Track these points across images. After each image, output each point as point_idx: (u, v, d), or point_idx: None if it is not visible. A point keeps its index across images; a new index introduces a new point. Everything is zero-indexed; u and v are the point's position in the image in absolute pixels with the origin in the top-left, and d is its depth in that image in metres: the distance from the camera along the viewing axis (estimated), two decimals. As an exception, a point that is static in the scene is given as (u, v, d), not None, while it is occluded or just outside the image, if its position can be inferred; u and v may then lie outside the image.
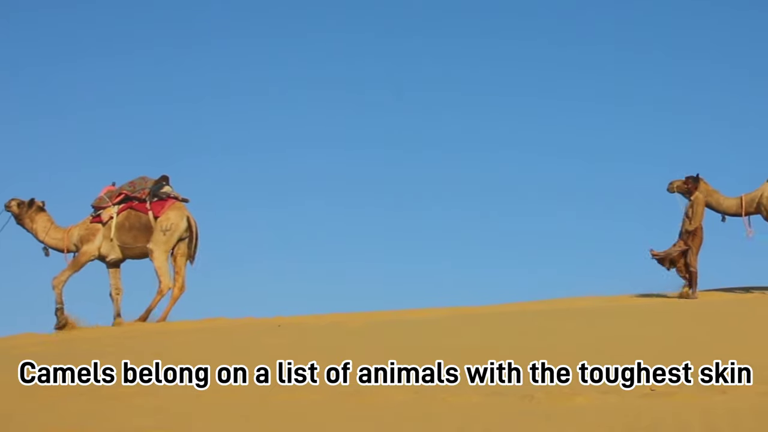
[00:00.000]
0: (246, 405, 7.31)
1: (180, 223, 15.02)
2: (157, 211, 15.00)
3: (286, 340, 12.07)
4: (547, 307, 14.46)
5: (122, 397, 7.88)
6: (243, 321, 14.91)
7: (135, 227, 15.09)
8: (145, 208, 15.08)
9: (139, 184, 15.27)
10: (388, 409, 6.83)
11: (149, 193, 15.09)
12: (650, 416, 5.91)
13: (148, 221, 15.03)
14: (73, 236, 15.31)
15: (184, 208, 15.18)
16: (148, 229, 15.04)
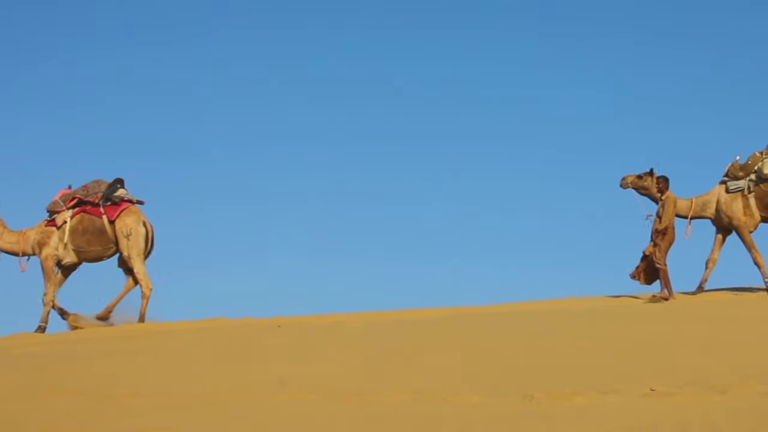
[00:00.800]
0: (246, 405, 7.31)
1: (138, 227, 15.16)
2: (111, 215, 15.15)
3: (287, 341, 12.07)
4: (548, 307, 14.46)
5: (122, 397, 7.88)
6: (243, 321, 14.91)
7: (89, 231, 15.23)
8: (98, 212, 15.21)
9: (92, 187, 15.39)
10: (388, 409, 6.83)
11: (103, 197, 15.20)
12: (650, 416, 5.91)
13: (102, 225, 15.17)
14: (29, 239, 15.38)
15: (140, 211, 15.32)
16: (102, 233, 15.19)
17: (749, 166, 15.13)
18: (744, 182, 15.12)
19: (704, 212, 15.31)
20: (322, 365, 9.31)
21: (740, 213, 15.04)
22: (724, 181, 15.30)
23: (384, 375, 8.44)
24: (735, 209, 15.08)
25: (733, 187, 15.20)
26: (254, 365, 9.57)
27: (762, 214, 15.10)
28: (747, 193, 15.08)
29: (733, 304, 13.65)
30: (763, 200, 15.06)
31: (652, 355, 8.78)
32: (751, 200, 15.06)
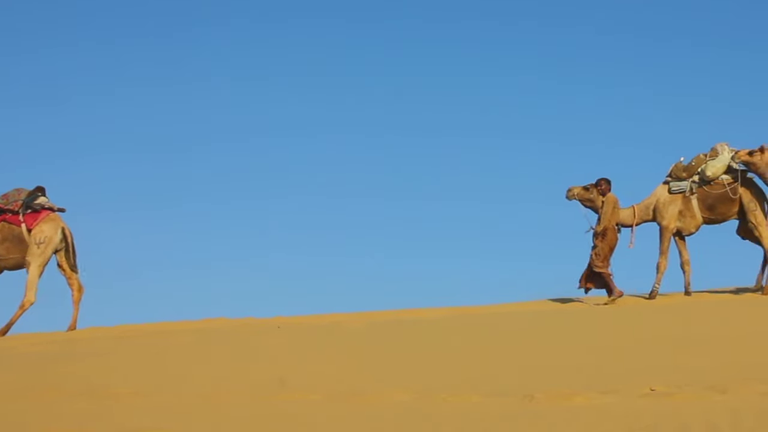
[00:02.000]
0: (246, 405, 7.32)
1: (54, 236, 15.19)
2: (30, 223, 15.19)
3: (287, 341, 12.07)
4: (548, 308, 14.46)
5: (122, 397, 7.88)
6: (243, 321, 14.92)
7: (8, 239, 15.28)
8: (18, 221, 15.24)
9: (12, 196, 15.44)
10: (388, 409, 6.83)
11: (22, 205, 15.23)
12: (650, 416, 5.91)
13: (21, 233, 15.21)
14: None
15: (59, 219, 15.33)
16: (21, 241, 15.25)
17: (693, 168, 15.07)
18: (687, 184, 15.09)
19: (648, 216, 15.19)
20: (322, 365, 9.32)
21: (673, 216, 14.99)
22: (667, 181, 15.25)
23: (384, 375, 8.45)
24: (670, 211, 15.03)
25: (675, 189, 15.14)
26: (254, 365, 9.57)
27: (704, 216, 15.05)
28: (689, 194, 15.05)
29: (733, 304, 13.66)
30: (705, 202, 15.01)
31: (652, 355, 8.78)
32: (694, 202, 15.02)
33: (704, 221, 15.12)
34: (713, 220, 15.18)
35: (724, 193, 14.94)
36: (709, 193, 15.02)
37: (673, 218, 15.03)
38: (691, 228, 15.09)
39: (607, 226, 14.48)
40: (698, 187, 15.06)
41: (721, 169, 15.00)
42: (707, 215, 15.08)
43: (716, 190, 14.99)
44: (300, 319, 14.80)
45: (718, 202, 15.04)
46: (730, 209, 15.04)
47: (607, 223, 14.50)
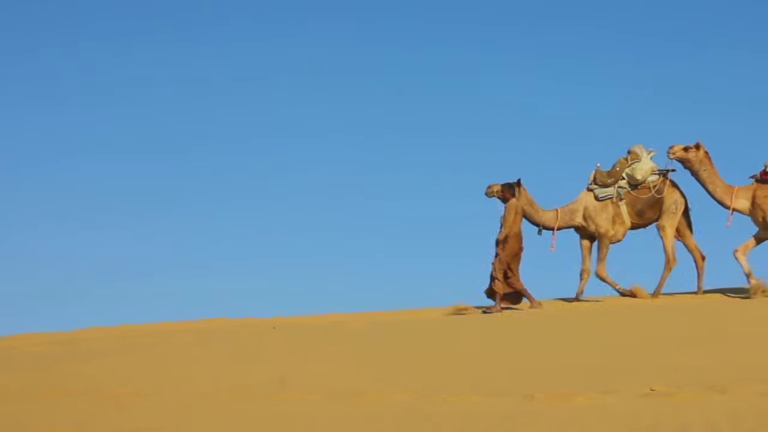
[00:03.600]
0: (246, 405, 7.32)
1: None
2: None
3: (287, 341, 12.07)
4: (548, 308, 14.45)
5: (122, 397, 7.89)
6: (243, 321, 14.92)
7: None
8: None
9: None
10: (388, 409, 6.83)
11: None
12: (650, 416, 5.92)
13: None
14: None
15: None
16: None
17: (617, 173, 14.92)
18: (613, 189, 14.96)
19: (572, 221, 15.03)
20: (322, 365, 9.32)
21: (608, 222, 14.86)
22: (591, 188, 15.14)
23: (384, 375, 8.45)
24: (603, 218, 14.90)
25: (602, 195, 14.95)
26: (254, 365, 9.58)
27: (633, 221, 14.90)
28: (617, 200, 14.99)
29: (732, 304, 13.65)
30: (635, 207, 14.85)
31: (651, 355, 8.78)
32: (622, 207, 14.87)
33: (633, 226, 14.96)
34: (640, 225, 15.00)
35: (652, 197, 14.77)
36: (638, 197, 14.87)
37: (608, 224, 14.84)
38: (619, 235, 14.90)
39: (509, 234, 14.02)
40: (626, 192, 15.00)
41: (649, 171, 14.85)
42: (636, 221, 14.90)
43: (645, 195, 14.86)
44: (300, 319, 14.81)
45: (647, 207, 14.84)
46: (656, 213, 14.85)
47: (508, 229, 14.04)
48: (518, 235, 14.08)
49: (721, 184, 14.47)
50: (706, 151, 14.49)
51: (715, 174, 14.47)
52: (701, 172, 14.46)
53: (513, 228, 14.04)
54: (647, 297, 14.55)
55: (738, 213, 14.35)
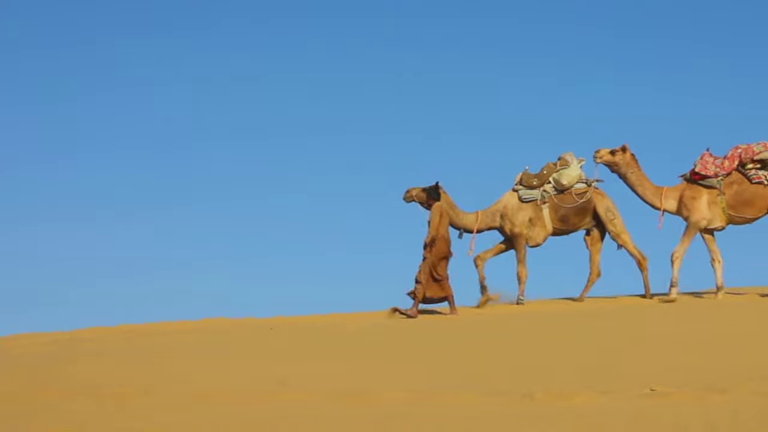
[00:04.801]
0: (245, 405, 7.32)
1: None
2: None
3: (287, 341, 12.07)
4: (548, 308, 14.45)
5: (122, 397, 7.88)
6: (243, 321, 14.92)
7: None
8: None
9: None
10: (388, 409, 6.83)
11: None
12: (650, 416, 5.92)
13: None
14: None
15: None
16: None
17: (544, 176, 14.91)
18: (538, 192, 14.94)
19: (493, 222, 15.03)
20: (322, 365, 9.32)
21: (524, 223, 14.85)
22: (516, 189, 15.09)
23: (384, 375, 8.45)
24: (520, 218, 14.88)
25: (527, 197, 14.95)
26: (254, 365, 9.57)
27: (555, 226, 14.88)
28: (540, 203, 14.94)
29: (732, 304, 13.65)
30: (558, 211, 14.86)
31: (651, 355, 8.78)
32: (545, 211, 14.87)
33: (554, 232, 14.97)
34: (563, 231, 15.00)
35: (577, 204, 14.77)
36: (562, 203, 14.85)
37: (523, 225, 14.82)
38: (539, 239, 14.87)
39: (435, 236, 13.89)
40: (551, 196, 14.97)
41: (576, 178, 14.86)
42: (558, 226, 14.89)
43: (569, 201, 14.86)
44: (300, 319, 14.81)
45: (572, 213, 14.85)
46: (581, 220, 14.87)
47: (434, 232, 13.91)
48: (445, 237, 14.01)
49: (649, 186, 14.45)
50: (632, 153, 14.45)
51: (643, 176, 14.45)
52: (629, 174, 14.43)
53: (439, 231, 13.97)
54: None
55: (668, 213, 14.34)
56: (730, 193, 14.21)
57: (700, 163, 14.34)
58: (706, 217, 14.15)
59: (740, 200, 14.23)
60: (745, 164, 14.27)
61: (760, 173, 14.24)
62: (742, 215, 14.25)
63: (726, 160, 14.30)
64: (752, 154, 14.23)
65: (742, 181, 14.26)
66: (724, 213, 14.19)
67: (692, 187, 14.33)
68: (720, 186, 14.22)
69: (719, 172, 14.25)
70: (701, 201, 14.19)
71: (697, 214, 14.13)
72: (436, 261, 13.80)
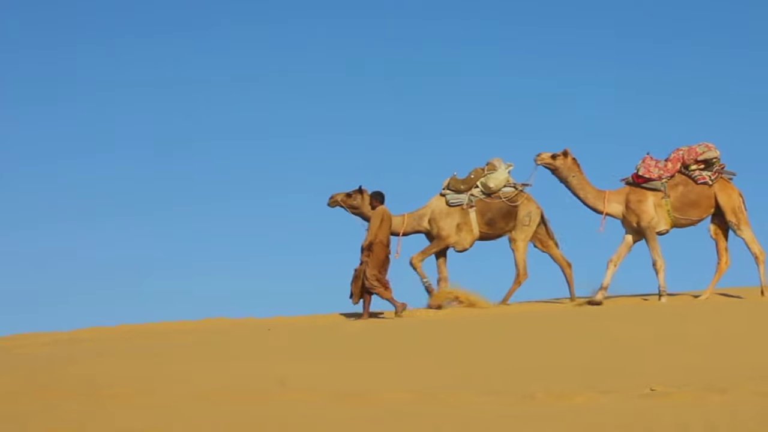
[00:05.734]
0: (246, 405, 7.32)
1: None
2: None
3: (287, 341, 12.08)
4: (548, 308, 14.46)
5: (122, 397, 7.88)
6: (243, 321, 14.92)
7: None
8: None
9: None
10: (388, 409, 6.83)
11: None
12: (650, 416, 5.92)
13: None
14: None
15: None
16: None
17: (471, 181, 14.92)
18: (465, 196, 14.93)
19: (420, 226, 15.01)
20: (322, 365, 9.32)
21: (451, 228, 14.82)
22: (444, 194, 15.07)
23: (384, 375, 8.45)
24: (448, 223, 14.86)
25: (454, 201, 14.94)
26: (254, 365, 9.58)
27: (483, 230, 14.88)
28: (467, 206, 14.91)
29: (732, 305, 13.66)
30: (485, 215, 14.86)
31: (651, 355, 8.79)
32: (472, 214, 14.86)
33: (481, 236, 14.95)
34: (490, 236, 15.00)
35: (504, 207, 14.80)
36: (489, 206, 14.88)
37: (451, 230, 14.83)
38: (466, 243, 14.87)
39: (373, 241, 13.87)
40: (478, 199, 14.91)
41: (503, 181, 14.87)
42: (485, 230, 14.89)
43: (496, 205, 14.87)
44: (300, 319, 14.81)
45: (499, 217, 14.87)
46: (508, 224, 14.88)
47: (372, 236, 13.89)
48: (383, 242, 13.99)
49: (591, 190, 14.42)
50: (574, 157, 14.43)
51: (584, 180, 14.42)
52: (570, 178, 14.40)
53: (378, 236, 13.96)
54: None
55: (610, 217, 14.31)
56: (675, 195, 14.22)
57: (642, 166, 14.33)
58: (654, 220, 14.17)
59: (685, 202, 14.23)
60: (688, 165, 14.28)
61: (704, 174, 14.26)
62: (687, 217, 14.25)
63: (669, 163, 14.31)
64: (695, 155, 14.23)
65: (687, 183, 14.27)
66: (669, 216, 14.18)
67: (636, 191, 14.31)
68: (664, 189, 14.23)
69: (663, 174, 14.26)
70: (648, 204, 14.19)
71: (647, 216, 14.11)
72: (378, 265, 13.81)
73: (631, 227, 14.25)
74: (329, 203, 15.09)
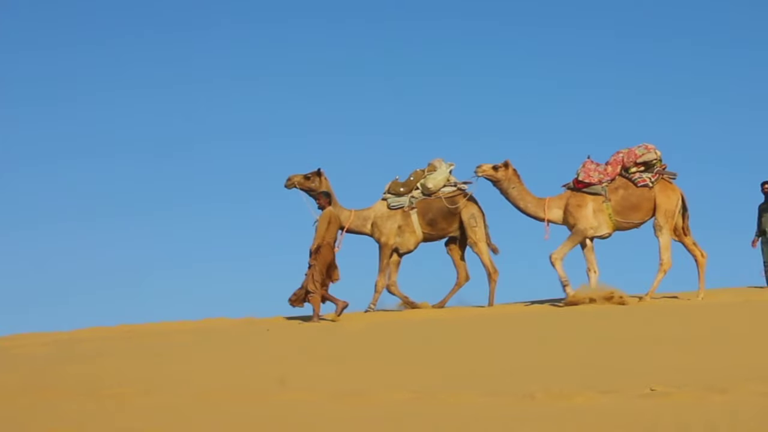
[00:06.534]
0: (246, 405, 7.32)
1: None
2: None
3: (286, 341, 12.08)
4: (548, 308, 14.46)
5: (122, 397, 7.89)
6: (243, 321, 14.92)
7: None
8: None
9: None
10: (388, 409, 6.84)
11: None
12: (650, 416, 5.92)
13: None
14: None
15: None
16: None
17: (411, 183, 14.88)
18: (405, 199, 14.89)
19: (363, 227, 14.96)
20: (322, 365, 9.32)
21: (392, 232, 14.78)
22: (386, 197, 15.02)
23: (384, 375, 8.45)
24: (389, 226, 14.81)
25: (394, 204, 14.90)
26: (254, 365, 9.58)
27: (425, 231, 14.83)
28: (408, 209, 14.86)
29: (732, 305, 13.66)
30: (426, 216, 14.79)
31: (651, 355, 8.79)
32: (413, 216, 14.80)
33: (424, 237, 14.90)
34: (433, 236, 14.94)
35: (445, 207, 14.73)
36: (430, 206, 14.82)
37: (392, 234, 14.75)
38: (410, 245, 14.83)
39: (321, 243, 13.87)
40: (418, 201, 14.86)
41: (442, 182, 14.82)
42: (427, 231, 14.84)
43: (436, 205, 14.81)
44: (300, 319, 14.81)
45: (440, 217, 14.80)
46: (450, 224, 14.81)
47: (320, 240, 13.89)
48: (330, 245, 13.98)
49: (531, 199, 14.42)
50: (514, 169, 14.43)
51: (524, 190, 14.41)
52: (510, 190, 14.40)
53: (326, 237, 13.96)
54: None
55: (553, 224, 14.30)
56: (616, 198, 14.19)
57: (582, 170, 14.32)
58: (593, 225, 14.12)
59: (627, 205, 14.20)
60: (628, 168, 14.26)
61: (644, 176, 14.22)
62: (629, 220, 14.21)
63: (609, 166, 14.28)
64: (635, 157, 14.20)
65: (628, 186, 14.24)
66: (611, 219, 14.16)
67: (577, 196, 14.29)
68: (605, 192, 14.21)
69: (603, 178, 14.24)
70: (587, 209, 14.16)
71: (583, 222, 14.10)
72: (323, 267, 13.79)
73: (570, 229, 14.25)
74: (286, 185, 15.02)
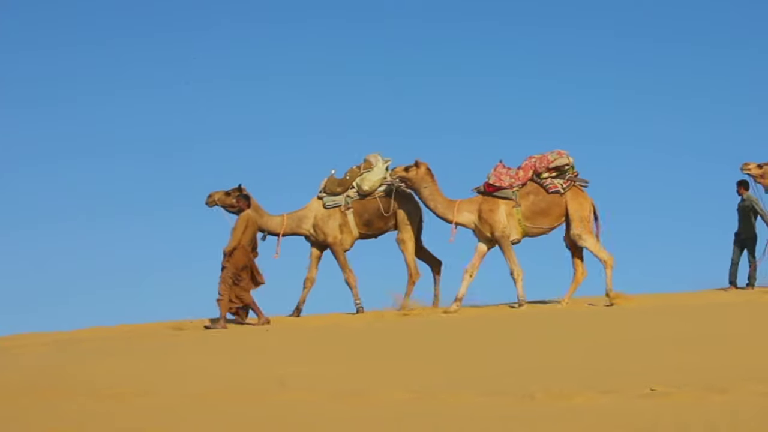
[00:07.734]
0: (246, 405, 7.32)
1: None
2: None
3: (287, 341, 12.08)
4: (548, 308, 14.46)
5: (122, 397, 7.89)
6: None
7: None
8: None
9: None
10: (388, 409, 6.84)
11: None
12: (650, 416, 5.92)
13: None
14: None
15: None
16: None
17: (347, 182, 14.84)
18: (342, 198, 14.86)
19: (300, 229, 14.93)
20: (322, 365, 9.32)
21: (335, 231, 14.77)
22: (321, 196, 15.01)
23: (384, 375, 8.45)
24: (331, 226, 14.78)
25: (330, 203, 14.88)
26: (254, 365, 9.58)
27: (361, 231, 14.81)
28: (345, 209, 14.82)
29: (732, 305, 13.66)
30: (362, 216, 14.77)
31: (651, 355, 8.79)
32: (350, 216, 14.78)
33: (360, 236, 14.88)
34: (370, 235, 14.93)
35: (380, 208, 14.71)
36: (366, 207, 14.79)
37: (336, 232, 14.73)
38: (346, 244, 14.81)
39: (236, 246, 13.77)
40: (354, 201, 14.81)
41: (378, 182, 14.77)
42: (364, 230, 14.83)
43: (372, 205, 14.77)
44: (300, 319, 14.81)
45: (375, 217, 14.78)
46: (386, 223, 14.80)
47: (236, 242, 13.79)
48: (244, 248, 13.90)
49: (442, 200, 14.37)
50: (427, 168, 14.40)
51: (436, 190, 14.37)
52: (422, 189, 14.37)
53: (242, 240, 13.87)
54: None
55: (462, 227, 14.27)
56: (526, 204, 14.16)
57: (494, 174, 14.29)
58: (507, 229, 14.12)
59: (536, 210, 14.18)
60: (540, 174, 14.23)
61: (556, 182, 14.20)
62: (538, 226, 14.19)
63: (520, 171, 14.26)
64: (547, 162, 14.17)
65: (539, 191, 14.20)
66: (520, 225, 14.14)
67: (488, 200, 14.24)
68: (515, 197, 14.17)
69: (514, 183, 14.21)
70: (500, 213, 14.12)
71: (499, 225, 14.06)
72: (237, 271, 13.74)
73: (484, 237, 14.21)
74: (207, 202, 14.89)
